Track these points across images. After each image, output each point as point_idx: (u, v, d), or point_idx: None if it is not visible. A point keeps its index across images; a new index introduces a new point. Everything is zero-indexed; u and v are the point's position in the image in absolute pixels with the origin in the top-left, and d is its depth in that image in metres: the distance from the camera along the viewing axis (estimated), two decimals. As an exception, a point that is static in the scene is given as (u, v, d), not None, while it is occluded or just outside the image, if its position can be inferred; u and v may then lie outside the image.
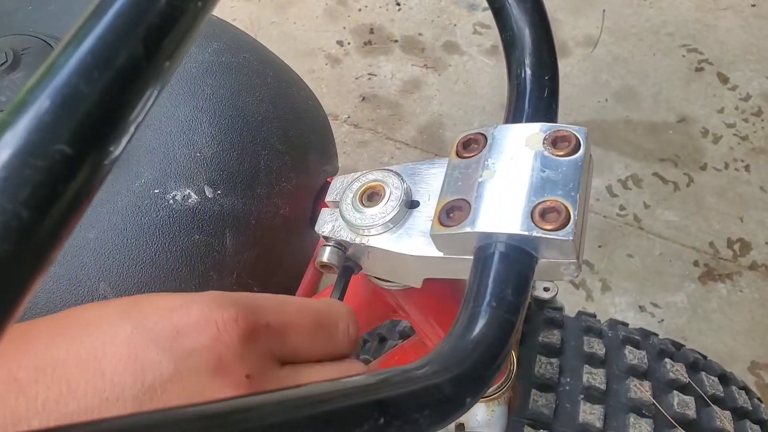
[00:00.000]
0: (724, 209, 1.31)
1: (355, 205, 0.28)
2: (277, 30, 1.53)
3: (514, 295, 0.22)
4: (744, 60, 1.48)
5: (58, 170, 0.13)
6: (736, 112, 1.42)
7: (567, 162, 0.24)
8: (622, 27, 1.54)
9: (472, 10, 1.56)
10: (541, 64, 0.27)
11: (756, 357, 1.17)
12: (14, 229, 0.12)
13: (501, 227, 0.23)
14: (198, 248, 0.33)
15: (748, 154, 1.37)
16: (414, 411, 0.18)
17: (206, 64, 0.37)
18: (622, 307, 1.22)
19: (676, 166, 1.36)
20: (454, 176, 0.26)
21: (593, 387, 0.53)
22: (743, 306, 1.21)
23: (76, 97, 0.13)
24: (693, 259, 1.26)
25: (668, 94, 1.45)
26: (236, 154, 0.35)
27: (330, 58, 1.49)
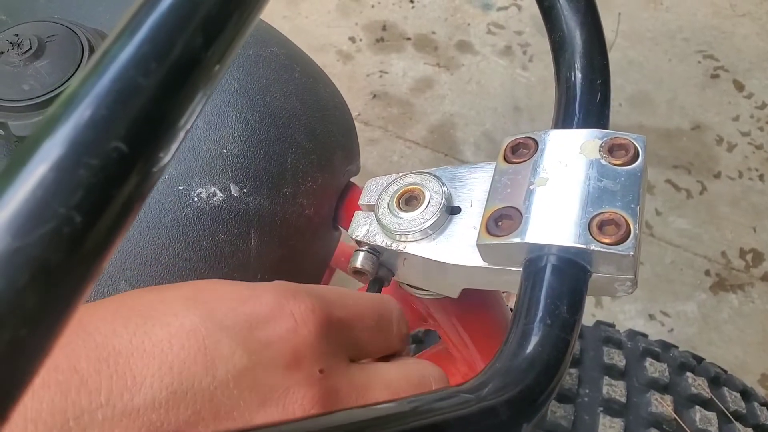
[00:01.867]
0: (737, 218, 1.30)
1: (392, 209, 0.27)
2: (289, 24, 1.52)
3: (569, 312, 0.21)
4: (761, 68, 1.47)
5: (113, 170, 0.11)
6: (752, 120, 1.40)
7: (625, 172, 0.22)
8: (638, 31, 1.52)
9: (487, 10, 1.54)
10: (593, 68, 0.25)
11: (766, 369, 1.15)
12: (66, 236, 0.10)
13: (555, 239, 0.22)
14: (222, 248, 0.32)
15: (762, 163, 1.36)
16: None
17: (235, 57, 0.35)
18: (631, 314, 1.20)
19: (690, 174, 1.35)
20: (502, 182, 0.24)
21: (613, 399, 0.52)
22: (755, 317, 1.20)
23: (133, 91, 0.12)
24: (705, 268, 1.25)
25: (683, 101, 1.43)
26: (263, 152, 0.34)
27: (341, 55, 1.48)
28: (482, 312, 0.31)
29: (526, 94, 1.43)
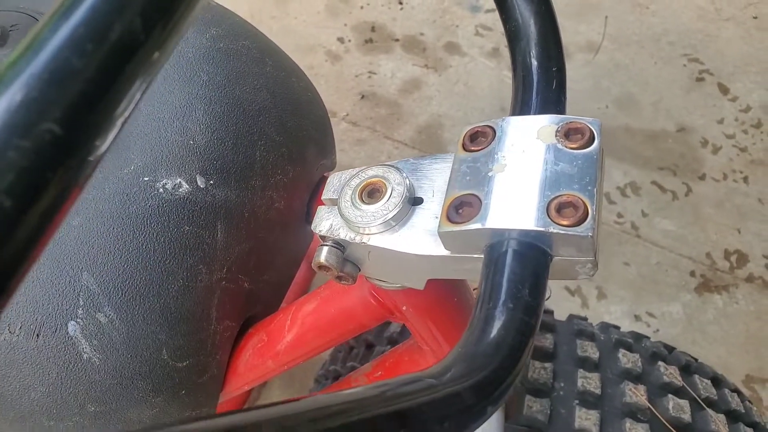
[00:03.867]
0: (721, 220, 1.31)
1: (355, 203, 0.27)
2: (278, 24, 1.52)
3: (531, 296, 0.21)
4: (744, 71, 1.48)
5: (47, 153, 0.11)
6: (736, 123, 1.42)
7: (582, 155, 0.22)
8: (624, 34, 1.53)
9: (475, 12, 1.55)
10: (548, 56, 0.25)
11: (750, 370, 1.16)
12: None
13: (515, 223, 0.22)
14: (187, 240, 0.31)
15: (747, 165, 1.37)
16: (435, 423, 0.17)
17: (203, 50, 0.35)
18: (617, 315, 1.20)
19: (675, 175, 1.35)
20: (461, 171, 0.24)
21: (588, 392, 0.52)
22: (739, 318, 1.21)
23: (67, 72, 0.11)
24: (690, 269, 1.25)
25: (668, 103, 1.44)
26: (231, 144, 0.33)
27: (330, 55, 1.48)
28: (449, 303, 0.31)
29: (514, 96, 1.44)
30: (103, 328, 0.29)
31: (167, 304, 0.31)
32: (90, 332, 0.28)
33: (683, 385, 0.55)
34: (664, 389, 0.54)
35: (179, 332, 0.31)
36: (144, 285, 0.30)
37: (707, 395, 0.56)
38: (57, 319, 0.28)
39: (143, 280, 0.30)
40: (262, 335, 0.35)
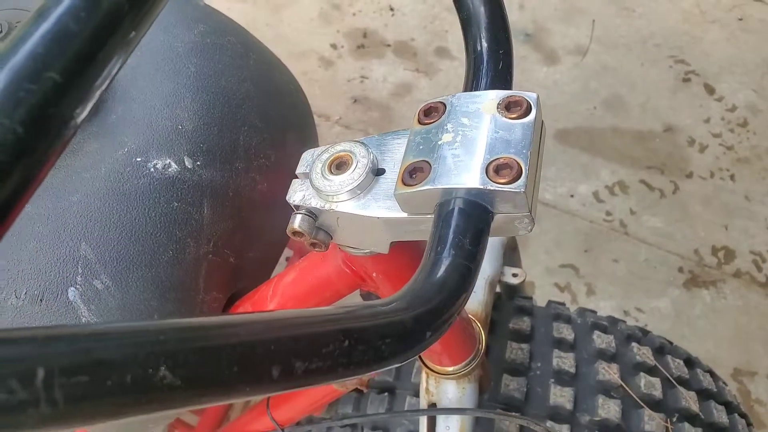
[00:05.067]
0: (709, 217, 1.34)
1: (324, 174, 0.30)
2: (272, 31, 1.56)
3: (471, 245, 0.24)
4: (730, 72, 1.51)
5: (50, 95, 0.14)
6: (722, 122, 1.45)
7: (519, 124, 0.25)
8: (612, 37, 1.57)
9: (465, 18, 1.59)
10: (497, 40, 0.28)
11: (738, 364, 1.18)
12: (10, 143, 0.13)
13: (458, 183, 0.25)
14: (176, 215, 0.34)
15: (733, 163, 1.40)
16: (377, 339, 0.20)
17: (192, 44, 0.38)
18: (606, 311, 1.23)
19: (663, 174, 1.38)
20: (416, 141, 0.27)
21: (563, 371, 0.55)
22: (727, 313, 1.23)
23: (65, 34, 0.15)
24: (678, 265, 1.28)
25: (655, 104, 1.47)
26: (216, 129, 0.36)
27: (323, 61, 1.51)
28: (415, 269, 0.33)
29: (504, 99, 1.47)
30: (100, 294, 0.31)
31: (158, 273, 0.33)
32: (88, 298, 0.31)
33: (655, 365, 0.57)
34: (637, 368, 0.57)
35: (170, 299, 0.34)
36: (137, 255, 0.33)
37: (679, 374, 0.58)
38: (58, 285, 0.31)
39: (136, 251, 0.33)
40: (247, 306, 0.38)
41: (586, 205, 1.34)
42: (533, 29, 1.58)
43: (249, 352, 0.16)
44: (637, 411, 0.54)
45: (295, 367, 0.17)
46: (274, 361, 0.16)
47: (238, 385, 0.15)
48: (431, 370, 0.45)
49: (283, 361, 0.16)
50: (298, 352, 0.17)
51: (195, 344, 0.14)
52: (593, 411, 0.53)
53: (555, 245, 1.30)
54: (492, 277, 0.55)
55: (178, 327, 0.15)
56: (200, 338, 0.15)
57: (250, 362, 0.15)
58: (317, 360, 0.18)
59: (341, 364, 0.19)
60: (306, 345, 0.18)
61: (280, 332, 0.17)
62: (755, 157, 1.41)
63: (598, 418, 0.53)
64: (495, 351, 0.58)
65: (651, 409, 0.54)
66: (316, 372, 0.18)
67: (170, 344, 0.14)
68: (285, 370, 0.16)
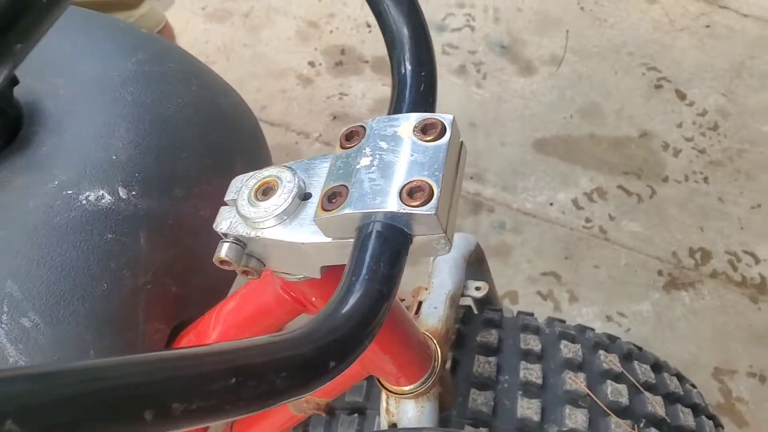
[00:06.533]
0: (685, 220, 1.34)
1: (251, 201, 0.29)
2: (250, 51, 1.56)
3: (386, 268, 0.24)
4: (700, 78, 1.54)
5: None
6: (694, 126, 1.46)
7: (433, 146, 0.25)
8: (585, 46, 1.59)
9: (441, 32, 1.60)
10: (420, 62, 0.28)
11: (719, 363, 1.18)
12: None
13: (375, 207, 0.25)
14: (111, 247, 0.34)
15: (706, 166, 1.41)
16: (271, 373, 0.19)
17: (128, 74, 0.38)
18: (589, 317, 1.23)
19: (640, 179, 1.39)
20: (336, 166, 0.27)
21: (530, 382, 0.54)
22: (706, 314, 1.23)
23: None
24: (657, 268, 1.28)
25: (630, 110, 1.49)
26: (153, 157, 0.36)
27: (302, 79, 1.52)
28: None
29: (481, 110, 1.48)
30: (28, 333, 0.31)
31: (93, 307, 0.33)
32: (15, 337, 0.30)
33: (622, 372, 0.57)
34: (604, 376, 0.57)
35: (106, 334, 0.34)
36: (68, 290, 0.32)
37: (646, 379, 0.58)
38: (-17, 325, 0.30)
39: (67, 286, 0.32)
40: (191, 336, 0.38)
41: (565, 213, 1.34)
42: (509, 41, 1.59)
43: (115, 397, 0.15)
44: (604, 419, 0.54)
45: (173, 409, 0.17)
46: (146, 404, 0.16)
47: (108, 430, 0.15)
48: (389, 391, 0.45)
49: (158, 403, 0.16)
50: (175, 393, 0.17)
51: (51, 392, 0.14)
52: (560, 422, 0.53)
53: (536, 254, 1.30)
54: (453, 292, 0.55)
55: (33, 375, 0.14)
56: (57, 386, 0.14)
57: (117, 408, 0.15)
58: (199, 400, 0.17)
59: (229, 401, 0.18)
60: (185, 385, 0.17)
61: (154, 374, 0.17)
62: (727, 159, 1.42)
63: (565, 428, 0.53)
64: (463, 366, 0.57)
65: (618, 416, 0.53)
66: (200, 411, 0.18)
67: (21, 395, 0.13)
68: (160, 412, 0.16)
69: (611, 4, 1.67)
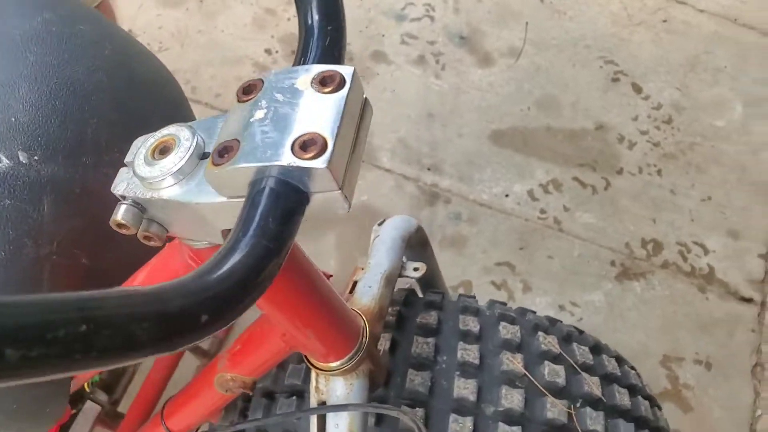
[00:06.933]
0: (638, 211, 1.37)
1: (147, 160, 0.28)
2: (205, 38, 1.53)
3: (276, 224, 0.23)
4: (655, 71, 1.57)
5: None
6: (649, 120, 1.49)
7: (330, 98, 0.24)
8: (544, 39, 1.60)
9: (400, 21, 1.60)
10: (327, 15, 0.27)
11: (667, 351, 1.21)
12: None
13: (264, 161, 0.24)
14: (9, 213, 0.32)
15: (660, 159, 1.44)
16: (130, 323, 0.18)
17: (33, 32, 0.36)
18: (542, 306, 1.24)
19: (594, 171, 1.42)
20: (231, 120, 0.26)
21: (467, 363, 0.54)
22: (656, 303, 1.26)
23: None
24: (610, 259, 1.31)
25: (586, 103, 1.51)
26: (58, 122, 0.34)
27: (258, 66, 1.49)
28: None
29: (439, 101, 1.48)
30: None
31: (-12, 275, 0.31)
32: None
33: (560, 353, 0.58)
34: (542, 357, 0.57)
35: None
36: (-41, 257, 0.30)
37: (584, 361, 0.58)
38: None
39: (-42, 253, 0.30)
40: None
41: (521, 204, 1.36)
42: (468, 32, 1.60)
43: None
44: (541, 399, 0.54)
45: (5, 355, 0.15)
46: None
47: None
48: (317, 369, 0.44)
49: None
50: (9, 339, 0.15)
51: None
52: (497, 402, 0.53)
53: (491, 244, 1.31)
54: (389, 271, 0.54)
55: None
56: None
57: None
58: (40, 347, 0.16)
59: (78, 350, 0.17)
60: (23, 331, 0.16)
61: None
62: (680, 152, 1.46)
63: (501, 408, 0.53)
64: (402, 347, 0.57)
65: (554, 397, 0.54)
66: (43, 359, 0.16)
67: None
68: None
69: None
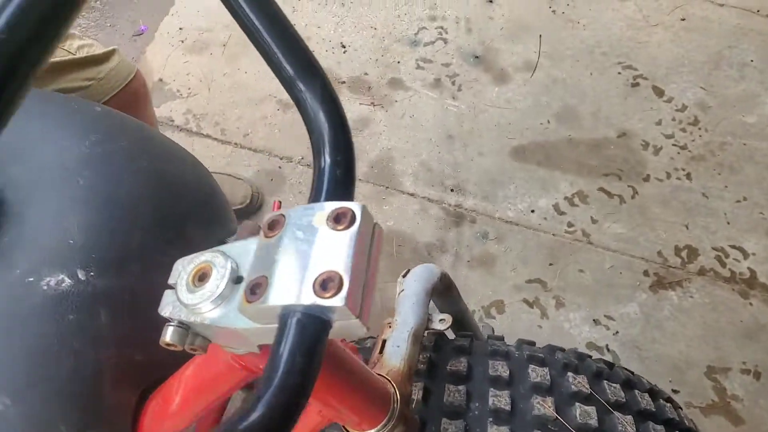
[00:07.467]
0: (669, 218, 1.36)
1: (189, 287, 0.31)
2: (230, 81, 1.59)
3: (304, 356, 0.26)
4: (677, 72, 1.55)
5: None
6: (674, 123, 1.48)
7: (344, 235, 0.27)
8: (559, 50, 1.61)
9: (414, 47, 1.62)
10: (337, 148, 0.30)
11: (711, 361, 1.19)
12: None
13: (292, 299, 0.27)
14: (72, 327, 0.36)
15: (688, 162, 1.42)
16: None
17: (83, 157, 0.40)
18: (576, 322, 1.24)
19: (620, 180, 1.41)
20: (259, 255, 0.29)
21: (499, 409, 0.56)
22: (695, 311, 1.25)
23: None
24: (643, 269, 1.30)
25: (607, 111, 1.50)
26: (108, 238, 0.38)
27: (281, 104, 1.54)
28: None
29: (458, 122, 1.50)
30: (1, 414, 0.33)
31: (60, 386, 0.35)
32: (-14, 420, 0.33)
33: (591, 393, 0.59)
34: (573, 398, 0.58)
35: (75, 408, 0.36)
36: (36, 372, 0.34)
37: (616, 399, 0.60)
38: (-44, 412, 0.33)
39: (35, 368, 0.35)
40: (159, 400, 0.40)
41: (547, 219, 1.36)
42: (482, 51, 1.61)
43: None
44: (574, 442, 0.55)
45: None
46: None
47: None
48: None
49: None
50: None
51: None
52: (530, 446, 0.55)
53: (521, 261, 1.31)
54: (416, 328, 0.57)
55: None
56: None
57: None
58: None
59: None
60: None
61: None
62: (709, 153, 1.44)
63: (536, 453, 0.55)
64: (435, 395, 0.59)
65: (587, 438, 0.55)
66: None
67: None
68: None
69: (583, 4, 1.69)
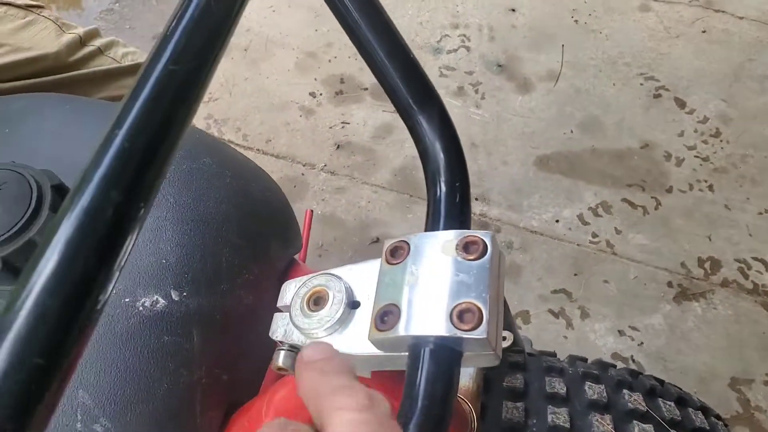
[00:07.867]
0: (692, 229, 1.36)
1: (304, 311, 0.31)
2: (251, 85, 1.59)
3: (443, 389, 0.26)
4: (698, 84, 1.56)
5: None
6: (696, 134, 1.48)
7: (477, 265, 0.27)
8: (582, 60, 1.61)
9: (437, 54, 1.63)
10: (453, 174, 0.30)
11: (735, 373, 1.20)
12: None
13: (428, 330, 0.27)
14: (167, 348, 0.36)
15: (710, 174, 1.43)
16: None
17: (170, 174, 0.40)
18: (601, 333, 1.25)
19: (644, 191, 1.41)
20: (385, 282, 0.29)
21: (559, 426, 0.56)
22: (718, 323, 1.25)
23: None
24: (667, 280, 1.30)
25: (630, 122, 1.51)
26: (199, 256, 0.38)
27: (304, 110, 1.54)
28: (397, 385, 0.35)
29: (482, 131, 1.50)
30: (100, 437, 0.33)
31: (155, 407, 0.35)
32: (88, 443, 0.33)
33: (647, 410, 0.59)
34: (630, 416, 0.58)
35: (168, 429, 0.36)
36: (133, 394, 0.34)
37: (671, 417, 0.60)
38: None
39: (132, 390, 0.34)
40: (244, 421, 0.40)
41: (572, 229, 1.36)
42: (505, 59, 1.62)
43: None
44: (633, 460, 0.56)
45: None
46: None
47: None
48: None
49: None
50: None
51: None
52: (591, 464, 0.55)
53: (546, 272, 1.32)
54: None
55: None
56: None
57: None
58: None
59: None
60: None
61: None
62: (731, 165, 1.44)
63: (596, 471, 0.55)
64: (492, 411, 0.59)
65: (646, 457, 0.55)
66: None
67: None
68: None
69: (605, 15, 1.70)
